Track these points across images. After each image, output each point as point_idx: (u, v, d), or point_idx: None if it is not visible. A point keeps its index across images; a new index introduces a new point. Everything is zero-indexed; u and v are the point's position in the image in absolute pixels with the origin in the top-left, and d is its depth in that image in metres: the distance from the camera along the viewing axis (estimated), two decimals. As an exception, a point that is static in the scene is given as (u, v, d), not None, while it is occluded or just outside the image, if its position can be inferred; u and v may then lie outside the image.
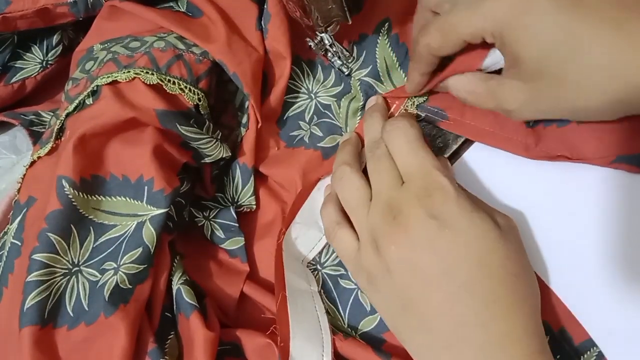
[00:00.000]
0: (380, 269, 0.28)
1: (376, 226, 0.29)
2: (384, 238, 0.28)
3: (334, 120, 0.37)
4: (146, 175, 0.31)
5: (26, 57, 0.40)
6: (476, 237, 0.27)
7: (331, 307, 0.33)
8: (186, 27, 0.35)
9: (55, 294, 0.29)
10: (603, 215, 0.30)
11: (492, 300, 0.26)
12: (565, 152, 0.31)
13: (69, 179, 0.30)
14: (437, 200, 0.27)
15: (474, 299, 0.26)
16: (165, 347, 0.30)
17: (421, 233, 0.27)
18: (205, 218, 0.35)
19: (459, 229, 0.27)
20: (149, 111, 0.32)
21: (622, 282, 0.29)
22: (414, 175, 0.29)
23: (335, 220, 0.32)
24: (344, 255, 0.31)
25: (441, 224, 0.27)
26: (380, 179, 0.30)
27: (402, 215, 0.28)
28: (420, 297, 0.27)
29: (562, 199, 0.31)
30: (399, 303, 0.28)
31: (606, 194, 0.31)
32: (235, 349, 0.31)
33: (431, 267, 0.27)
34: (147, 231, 0.30)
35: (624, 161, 0.30)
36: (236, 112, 0.38)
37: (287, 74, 0.36)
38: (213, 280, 0.33)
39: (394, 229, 0.28)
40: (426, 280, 0.27)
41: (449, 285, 0.26)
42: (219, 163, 0.36)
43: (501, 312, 0.26)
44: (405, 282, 0.27)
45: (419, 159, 0.29)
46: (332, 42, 0.36)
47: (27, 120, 0.39)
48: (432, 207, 0.27)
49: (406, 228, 0.28)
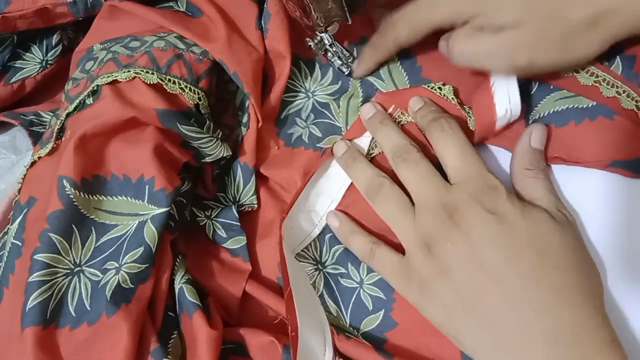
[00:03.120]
0: (436, 272, 0.28)
1: (428, 229, 0.29)
2: (439, 238, 0.28)
3: (332, 120, 0.37)
4: (147, 175, 0.31)
5: (26, 57, 0.40)
6: (534, 229, 0.27)
7: (333, 307, 0.33)
8: (186, 27, 0.35)
9: (57, 294, 0.29)
10: (603, 218, 0.30)
11: (559, 288, 0.26)
12: (561, 154, 0.31)
13: (70, 178, 0.30)
14: (493, 197, 0.28)
15: (542, 289, 0.26)
16: (168, 346, 0.30)
17: (480, 228, 0.27)
18: (207, 217, 0.35)
19: (517, 222, 0.27)
20: (149, 111, 0.32)
21: (622, 283, 0.29)
22: (467, 177, 0.29)
23: (370, 241, 0.32)
24: (389, 271, 0.31)
25: (499, 218, 0.27)
26: (425, 183, 0.30)
27: (458, 213, 0.28)
28: (483, 293, 0.27)
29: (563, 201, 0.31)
30: (459, 304, 0.27)
31: (607, 197, 0.31)
32: (239, 347, 0.31)
33: (494, 261, 0.27)
34: (148, 230, 0.30)
35: (619, 166, 0.30)
36: (236, 112, 0.38)
37: (287, 73, 0.36)
38: (215, 280, 0.33)
39: (450, 228, 0.28)
40: (489, 275, 0.27)
41: (514, 277, 0.26)
42: (219, 162, 0.36)
43: (570, 301, 0.26)
44: (466, 279, 0.27)
45: (472, 162, 0.30)
46: (332, 42, 0.36)
47: (27, 120, 0.38)
48: (489, 203, 0.28)
49: (464, 225, 0.28)
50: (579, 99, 0.31)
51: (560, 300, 0.26)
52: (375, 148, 0.35)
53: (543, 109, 0.32)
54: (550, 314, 0.25)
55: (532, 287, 0.26)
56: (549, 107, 0.32)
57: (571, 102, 0.31)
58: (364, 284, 0.33)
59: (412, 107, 0.34)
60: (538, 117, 0.32)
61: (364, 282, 0.33)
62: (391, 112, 0.35)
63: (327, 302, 0.33)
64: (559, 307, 0.25)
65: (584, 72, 0.31)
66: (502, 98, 0.31)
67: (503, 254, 0.27)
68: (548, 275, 0.26)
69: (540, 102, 0.32)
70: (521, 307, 0.26)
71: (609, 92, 0.30)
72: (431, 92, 0.34)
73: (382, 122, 0.33)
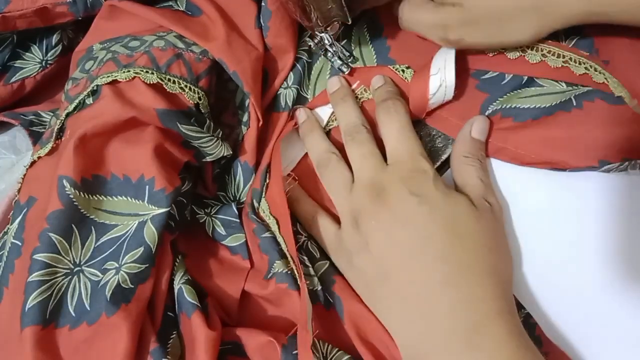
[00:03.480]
0: (360, 245, 0.31)
1: (358, 205, 0.31)
2: (365, 215, 0.31)
3: (301, 91, 0.38)
4: (147, 175, 0.31)
5: (25, 57, 0.40)
6: (451, 213, 0.29)
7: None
8: (185, 26, 0.35)
9: (57, 294, 0.29)
10: (603, 219, 0.31)
11: (465, 267, 0.28)
12: (548, 159, 0.31)
13: (70, 178, 0.30)
14: (419, 180, 0.30)
15: (449, 266, 0.28)
16: (167, 346, 0.30)
17: (402, 208, 0.30)
18: (207, 214, 0.35)
19: (436, 205, 0.30)
20: (149, 110, 0.32)
21: (623, 283, 0.29)
22: (401, 158, 0.32)
23: (314, 210, 0.34)
24: (326, 240, 0.33)
25: (421, 200, 0.30)
26: (364, 162, 0.33)
27: (385, 193, 0.31)
28: (397, 268, 0.29)
29: (563, 203, 0.31)
30: (376, 276, 0.30)
31: (607, 199, 0.31)
32: (236, 347, 0.31)
33: (409, 239, 0.29)
34: (148, 230, 0.30)
35: (607, 165, 0.30)
36: (236, 111, 0.38)
37: (290, 66, 0.37)
38: (214, 280, 0.33)
39: (376, 206, 0.30)
40: (404, 252, 0.29)
41: (426, 255, 0.29)
42: (220, 162, 0.36)
43: (473, 277, 0.28)
44: (383, 254, 0.30)
45: (409, 145, 0.32)
46: (331, 42, 0.36)
47: (27, 120, 0.38)
48: (414, 186, 0.30)
49: (388, 204, 0.30)
50: (545, 98, 0.32)
51: (464, 276, 0.28)
52: (334, 121, 0.36)
53: (508, 102, 0.33)
54: (452, 286, 0.28)
55: (439, 266, 0.28)
56: (515, 101, 0.33)
57: (538, 102, 0.32)
58: None
59: (373, 85, 0.36)
60: (500, 107, 0.33)
61: None
62: (355, 87, 0.37)
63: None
64: (461, 281, 0.28)
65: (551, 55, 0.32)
66: (436, 77, 0.33)
67: (418, 233, 0.29)
68: (456, 255, 0.28)
69: (507, 95, 0.33)
70: (428, 283, 0.28)
71: (578, 70, 0.32)
72: (395, 73, 0.36)
73: (343, 99, 0.36)
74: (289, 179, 0.35)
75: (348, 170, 0.33)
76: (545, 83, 0.32)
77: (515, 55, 0.33)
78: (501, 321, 0.27)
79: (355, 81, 0.37)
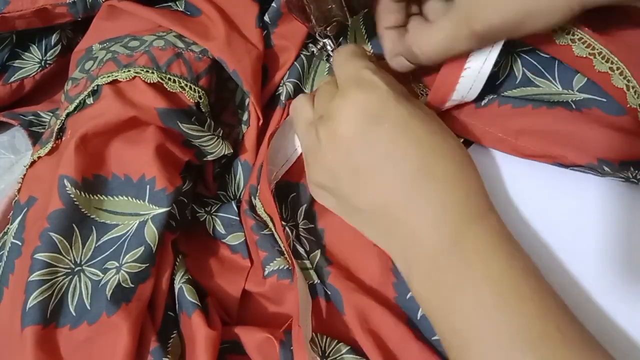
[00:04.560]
0: (328, 182, 0.29)
1: (312, 143, 0.30)
2: (319, 153, 0.29)
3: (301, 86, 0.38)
4: (148, 175, 0.31)
5: (25, 57, 0.40)
6: (417, 123, 0.27)
7: None
8: (185, 26, 0.35)
9: (58, 293, 0.29)
10: (603, 220, 0.31)
11: (427, 172, 0.27)
12: (547, 152, 0.31)
13: (70, 178, 0.30)
14: (368, 96, 0.27)
15: (433, 182, 0.27)
16: (167, 346, 0.30)
17: (354, 136, 0.27)
18: (207, 213, 0.35)
19: (394, 119, 0.27)
20: (150, 110, 0.32)
21: (622, 285, 0.30)
22: (346, 80, 0.29)
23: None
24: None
25: (376, 120, 0.27)
26: (317, 100, 0.31)
27: (332, 122, 0.28)
28: (370, 191, 0.28)
29: (563, 203, 0.31)
30: (349, 209, 0.29)
31: (606, 200, 0.31)
32: (235, 346, 0.31)
33: (372, 164, 0.27)
34: (149, 230, 0.30)
35: (606, 165, 0.30)
36: (236, 110, 0.38)
37: (290, 63, 0.37)
38: (215, 280, 0.33)
39: (328, 141, 0.28)
40: (371, 178, 0.27)
41: (402, 172, 0.27)
42: (220, 161, 0.36)
43: (438, 182, 0.27)
44: (352, 187, 0.28)
45: (351, 64, 0.30)
46: (334, 48, 0.36)
47: (26, 120, 0.38)
48: (363, 105, 0.27)
49: (338, 135, 0.28)
50: (542, 97, 0.32)
51: (429, 181, 0.27)
52: None
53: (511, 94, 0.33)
54: (421, 195, 0.26)
55: (423, 181, 0.27)
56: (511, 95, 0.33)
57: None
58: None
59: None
60: (497, 97, 0.33)
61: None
62: None
63: None
64: (429, 186, 0.27)
65: (580, 43, 0.30)
66: (466, 83, 0.31)
67: (381, 155, 0.27)
68: (438, 166, 0.27)
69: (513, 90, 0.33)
70: (399, 193, 0.27)
71: (601, 67, 0.30)
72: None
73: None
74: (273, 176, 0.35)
75: (310, 107, 0.32)
76: (542, 84, 0.33)
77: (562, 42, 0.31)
78: (485, 221, 0.26)
79: None
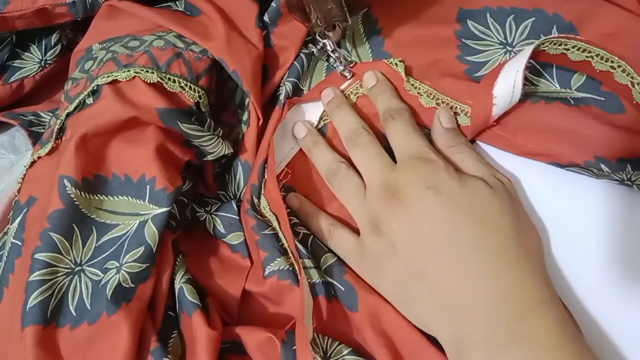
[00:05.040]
0: (384, 250, 0.30)
1: (375, 209, 0.30)
2: (384, 218, 0.30)
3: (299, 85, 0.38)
4: (148, 175, 0.31)
5: (25, 57, 0.40)
6: (472, 198, 0.29)
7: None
8: (185, 26, 0.35)
9: (58, 293, 0.29)
10: (602, 221, 0.31)
11: (499, 253, 0.27)
12: (545, 149, 0.31)
13: (71, 178, 0.30)
14: (431, 172, 0.29)
15: (481, 253, 0.27)
16: (168, 346, 0.30)
17: (420, 204, 0.29)
18: (207, 212, 0.35)
19: (453, 193, 0.29)
20: (150, 110, 0.32)
21: (622, 285, 0.30)
22: (409, 155, 0.31)
23: (329, 222, 0.33)
24: (346, 251, 0.32)
25: (437, 192, 0.29)
26: (372, 164, 0.32)
27: (399, 192, 0.30)
28: (428, 265, 0.28)
29: (562, 203, 0.31)
30: (407, 278, 0.29)
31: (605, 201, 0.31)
32: (236, 346, 0.31)
33: (435, 233, 0.28)
34: (149, 230, 0.30)
35: (603, 163, 0.30)
36: (236, 110, 0.38)
37: (290, 63, 0.37)
38: (215, 279, 0.33)
39: (393, 206, 0.29)
40: (433, 248, 0.28)
41: (454, 246, 0.28)
42: (220, 161, 0.36)
43: (509, 263, 0.27)
44: (411, 254, 0.29)
45: (414, 140, 0.31)
46: (334, 48, 0.37)
47: (26, 120, 0.38)
48: (427, 178, 0.29)
49: (405, 203, 0.29)
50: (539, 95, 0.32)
51: (500, 263, 0.27)
52: (328, 116, 0.36)
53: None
54: (490, 275, 0.27)
55: (472, 255, 0.27)
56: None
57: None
58: None
59: (365, 83, 0.36)
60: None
61: None
62: (349, 84, 0.37)
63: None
64: (497, 268, 0.27)
65: (574, 49, 0.31)
66: (505, 96, 0.31)
67: (442, 225, 0.28)
68: (486, 240, 0.27)
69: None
70: (463, 272, 0.27)
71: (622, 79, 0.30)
72: (389, 66, 0.36)
73: (339, 107, 0.35)
74: (282, 174, 0.35)
75: (358, 177, 0.32)
76: (540, 83, 0.32)
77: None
78: (544, 310, 0.26)
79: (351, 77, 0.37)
